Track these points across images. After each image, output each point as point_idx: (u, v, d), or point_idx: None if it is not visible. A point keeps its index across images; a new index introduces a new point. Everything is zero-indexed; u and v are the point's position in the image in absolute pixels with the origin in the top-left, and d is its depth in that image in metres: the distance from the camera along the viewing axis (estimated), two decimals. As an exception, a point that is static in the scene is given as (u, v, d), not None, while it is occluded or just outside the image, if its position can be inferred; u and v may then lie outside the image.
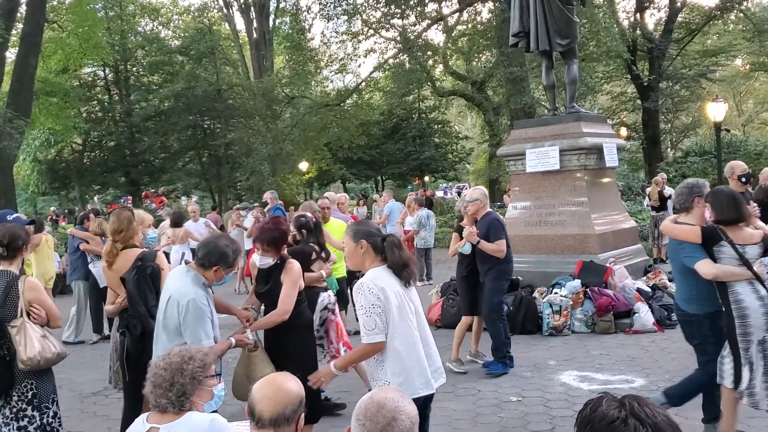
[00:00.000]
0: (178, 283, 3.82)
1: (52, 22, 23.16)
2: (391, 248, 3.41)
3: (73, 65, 26.45)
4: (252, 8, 31.99)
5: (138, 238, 4.69)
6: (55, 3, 24.69)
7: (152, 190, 33.14)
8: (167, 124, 30.42)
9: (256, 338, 4.30)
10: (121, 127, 31.39)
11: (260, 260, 4.39)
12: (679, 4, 25.97)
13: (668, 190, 13.23)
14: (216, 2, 33.92)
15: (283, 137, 26.95)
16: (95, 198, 32.19)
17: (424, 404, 3.33)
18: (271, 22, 32.80)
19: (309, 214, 5.78)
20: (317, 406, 4.37)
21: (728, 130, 28.67)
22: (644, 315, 8.03)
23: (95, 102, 32.36)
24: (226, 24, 35.15)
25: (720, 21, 27.53)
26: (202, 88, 28.91)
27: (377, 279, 3.33)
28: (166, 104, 30.73)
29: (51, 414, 3.97)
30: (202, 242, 4.05)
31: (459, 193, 38.69)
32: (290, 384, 2.29)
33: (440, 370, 3.58)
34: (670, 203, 13.05)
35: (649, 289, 8.79)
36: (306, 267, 5.13)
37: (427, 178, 41.07)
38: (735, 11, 26.58)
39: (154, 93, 31.43)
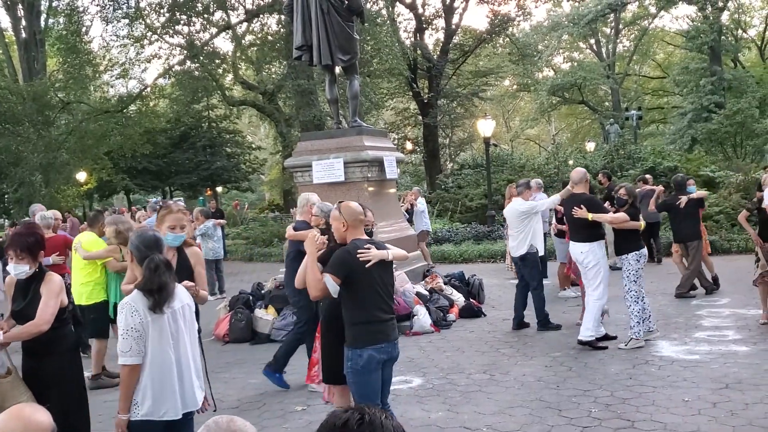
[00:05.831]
0: None
1: None
2: (148, 267, 3.32)
3: None
4: (20, 5, 29.10)
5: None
6: None
7: None
8: None
9: (8, 362, 3.90)
10: None
11: (14, 269, 3.99)
12: (454, 26, 28.08)
13: (419, 205, 13.53)
14: (-25, -4, 30.43)
15: (57, 145, 25.01)
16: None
17: (169, 427, 3.38)
18: (42, 22, 30.08)
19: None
20: None
21: (496, 145, 31.51)
22: (423, 317, 8.50)
23: None
24: (-12, 20, 31.68)
25: (490, 45, 30.25)
26: (-42, 91, 25.80)
27: (141, 302, 3.28)
28: None
29: None
30: None
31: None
32: (40, 416, 2.08)
33: (198, 394, 3.52)
34: (416, 217, 13.27)
35: (427, 293, 9.31)
36: None
37: (219, 189, 40.12)
38: (503, 36, 29.38)
39: None
